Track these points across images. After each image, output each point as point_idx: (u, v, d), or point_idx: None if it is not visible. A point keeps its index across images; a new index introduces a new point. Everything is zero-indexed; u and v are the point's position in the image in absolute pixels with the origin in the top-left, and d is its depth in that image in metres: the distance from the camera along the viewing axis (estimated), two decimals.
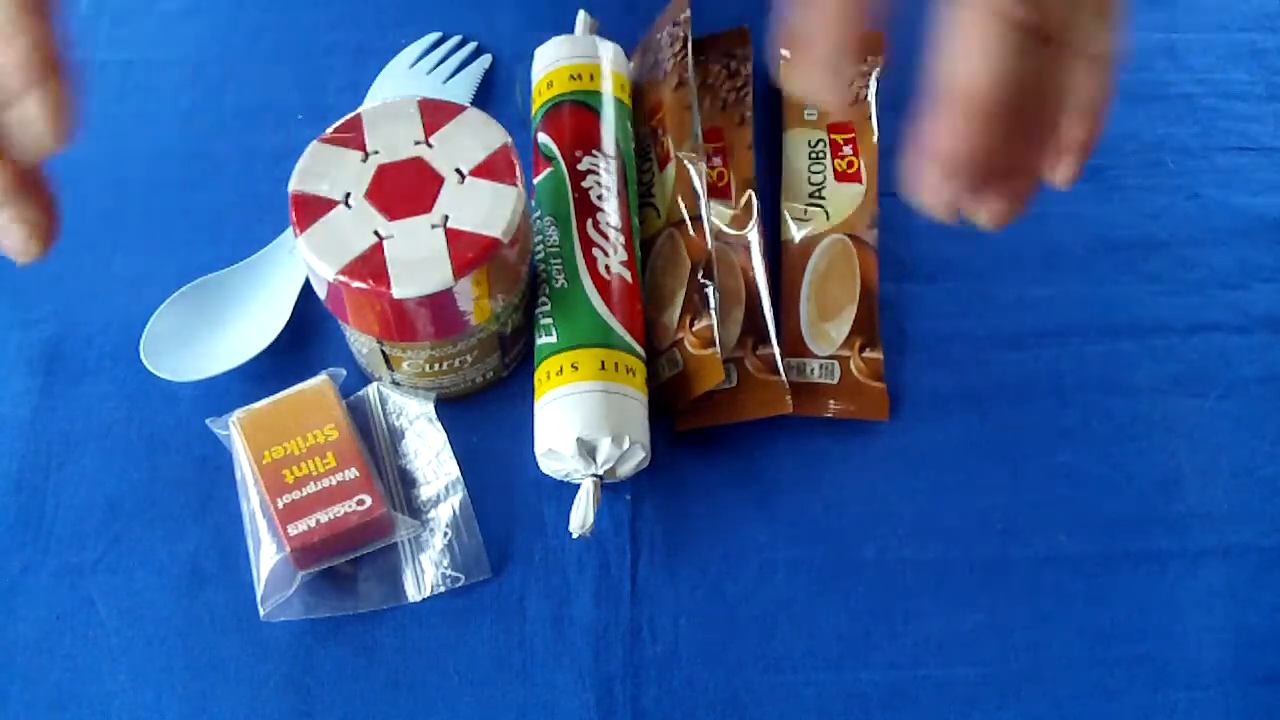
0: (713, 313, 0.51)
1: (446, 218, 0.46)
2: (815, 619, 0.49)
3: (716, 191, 0.56)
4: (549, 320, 0.50)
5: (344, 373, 0.52)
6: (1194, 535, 0.51)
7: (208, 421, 0.51)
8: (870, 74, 0.59)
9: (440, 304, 0.46)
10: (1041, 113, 0.36)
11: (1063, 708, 0.47)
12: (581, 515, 0.47)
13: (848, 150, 0.57)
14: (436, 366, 0.50)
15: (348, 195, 0.47)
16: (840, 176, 0.57)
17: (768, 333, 0.52)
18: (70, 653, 0.48)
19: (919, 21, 0.64)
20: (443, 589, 0.49)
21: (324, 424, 0.49)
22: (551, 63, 0.55)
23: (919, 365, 0.54)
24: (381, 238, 0.46)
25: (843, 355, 0.53)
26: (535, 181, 0.53)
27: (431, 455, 0.51)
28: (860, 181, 0.57)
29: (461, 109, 0.49)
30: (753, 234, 0.55)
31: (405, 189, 0.47)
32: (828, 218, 0.56)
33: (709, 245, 0.52)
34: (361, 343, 0.50)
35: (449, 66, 0.61)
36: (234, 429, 0.49)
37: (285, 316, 0.53)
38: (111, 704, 0.47)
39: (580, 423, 0.47)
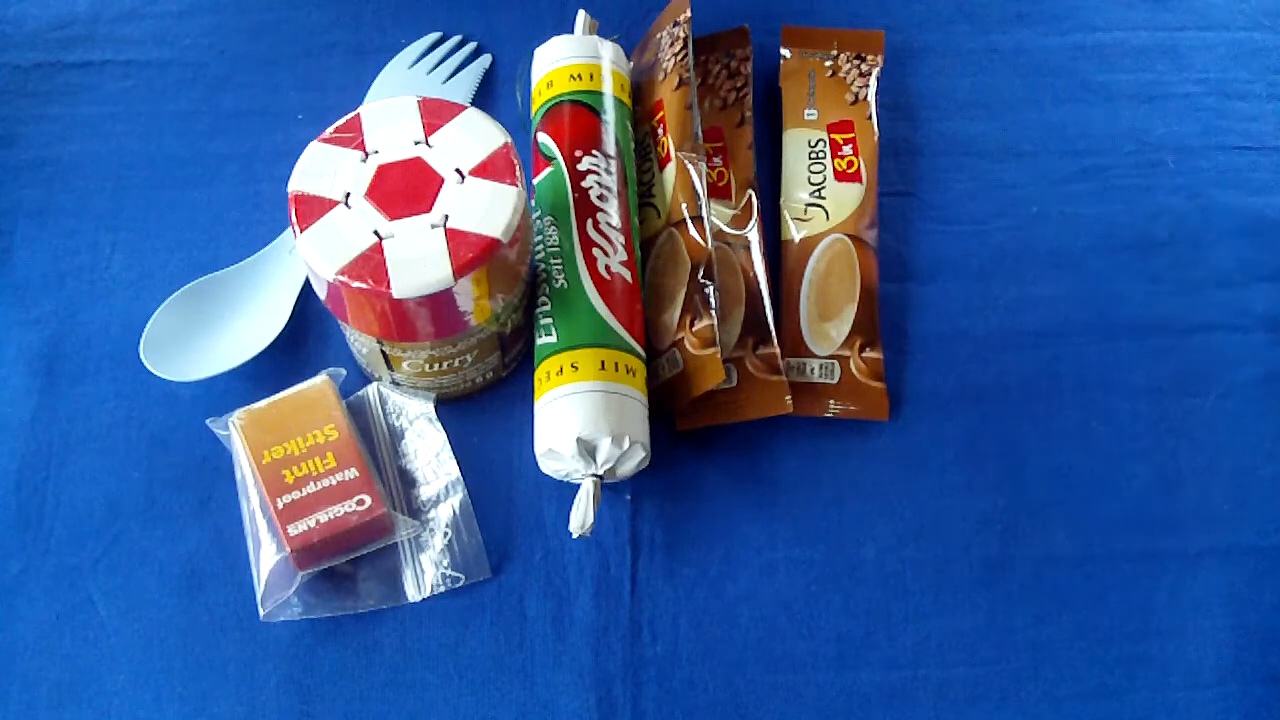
0: (713, 313, 0.51)
1: (446, 218, 0.46)
2: (815, 619, 0.49)
3: (716, 191, 0.56)
4: (549, 320, 0.50)
5: (344, 373, 0.52)
6: (1194, 535, 0.51)
7: (208, 421, 0.51)
8: (870, 74, 0.59)
9: (440, 304, 0.46)
10: None
11: (1063, 708, 0.48)
12: (581, 515, 0.47)
13: (848, 150, 0.57)
14: (436, 366, 0.50)
15: (348, 195, 0.47)
16: (840, 176, 0.57)
17: (768, 333, 0.52)
18: (70, 653, 0.48)
19: (919, 21, 0.65)
20: (443, 589, 0.49)
21: (324, 424, 0.49)
22: (551, 63, 0.55)
23: (919, 365, 0.54)
24: (381, 238, 0.45)
25: (843, 355, 0.53)
26: (535, 181, 0.53)
27: (431, 455, 0.51)
28: (860, 181, 0.57)
29: (461, 109, 0.49)
30: (753, 234, 0.55)
31: (405, 189, 0.47)
32: (828, 218, 0.56)
33: (709, 245, 0.52)
34: (361, 343, 0.49)
35: (449, 66, 0.61)
36: (234, 429, 0.49)
37: (285, 316, 0.53)
38: (111, 704, 0.47)
39: (580, 423, 0.47)
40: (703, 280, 0.51)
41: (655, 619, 0.49)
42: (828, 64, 0.60)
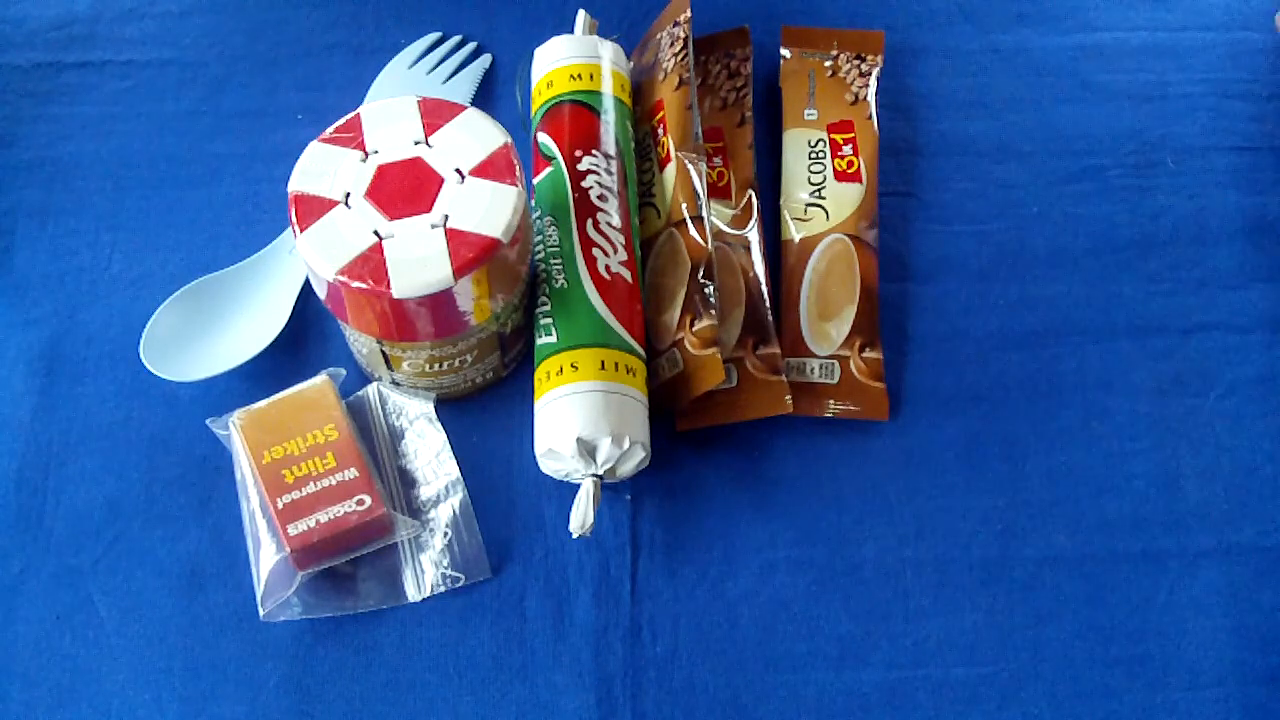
0: (713, 313, 0.51)
1: (446, 218, 0.46)
2: (815, 619, 0.49)
3: (716, 191, 0.56)
4: (549, 320, 0.50)
5: (344, 373, 0.52)
6: (1194, 535, 0.51)
7: (208, 421, 0.51)
8: (870, 74, 0.59)
9: (440, 304, 0.46)
10: None
11: (1063, 708, 0.48)
12: (581, 515, 0.47)
13: (848, 150, 0.57)
14: (436, 366, 0.50)
15: (348, 195, 0.47)
16: (840, 176, 0.57)
17: (768, 333, 0.52)
18: (70, 653, 0.48)
19: (919, 21, 0.65)
20: (443, 589, 0.49)
21: (324, 424, 0.49)
22: (551, 63, 0.55)
23: (919, 365, 0.54)
24: (381, 238, 0.46)
25: (843, 355, 0.53)
26: (535, 181, 0.53)
27: (431, 455, 0.51)
28: (860, 181, 0.57)
29: (461, 109, 0.49)
30: (753, 234, 0.55)
31: (405, 189, 0.47)
32: (828, 218, 0.56)
33: (709, 245, 0.52)
34: (361, 343, 0.50)
35: (449, 66, 0.61)
36: (234, 429, 0.49)
37: (285, 316, 0.53)
38: (111, 704, 0.47)
39: (580, 423, 0.47)
40: (703, 280, 0.51)
41: (655, 619, 0.49)
42: (828, 64, 0.60)
